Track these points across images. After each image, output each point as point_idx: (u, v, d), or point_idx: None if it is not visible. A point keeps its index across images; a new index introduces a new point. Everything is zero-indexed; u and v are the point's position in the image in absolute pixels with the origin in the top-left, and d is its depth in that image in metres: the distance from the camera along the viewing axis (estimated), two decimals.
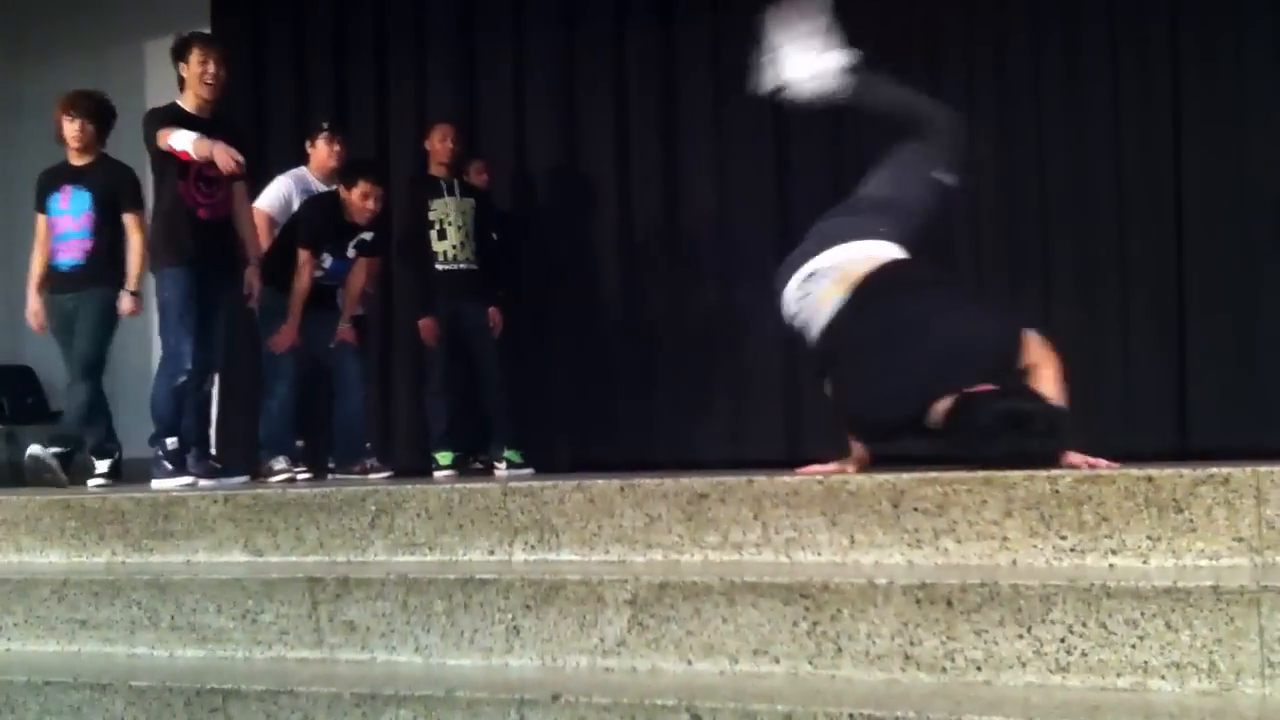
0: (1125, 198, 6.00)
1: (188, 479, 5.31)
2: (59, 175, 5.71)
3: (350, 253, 5.93)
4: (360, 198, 5.78)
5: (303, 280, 5.75)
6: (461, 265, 6.27)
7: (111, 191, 5.62)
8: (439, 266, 6.22)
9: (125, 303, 5.61)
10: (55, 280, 5.68)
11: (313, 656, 3.70)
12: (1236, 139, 5.78)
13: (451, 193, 6.31)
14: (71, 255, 5.63)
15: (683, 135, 6.88)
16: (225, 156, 5.18)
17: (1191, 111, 5.89)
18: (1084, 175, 6.06)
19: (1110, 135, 6.02)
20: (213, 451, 6.13)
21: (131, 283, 5.60)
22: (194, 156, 5.21)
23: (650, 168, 6.93)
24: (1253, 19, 5.77)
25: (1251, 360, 5.69)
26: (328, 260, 5.87)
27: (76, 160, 5.68)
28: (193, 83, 5.49)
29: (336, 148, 6.23)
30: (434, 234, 6.22)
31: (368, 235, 5.94)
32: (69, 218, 5.65)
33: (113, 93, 5.90)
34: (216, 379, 6.24)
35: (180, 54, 5.51)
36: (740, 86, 6.72)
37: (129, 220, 5.62)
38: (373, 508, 4.06)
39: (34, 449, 5.64)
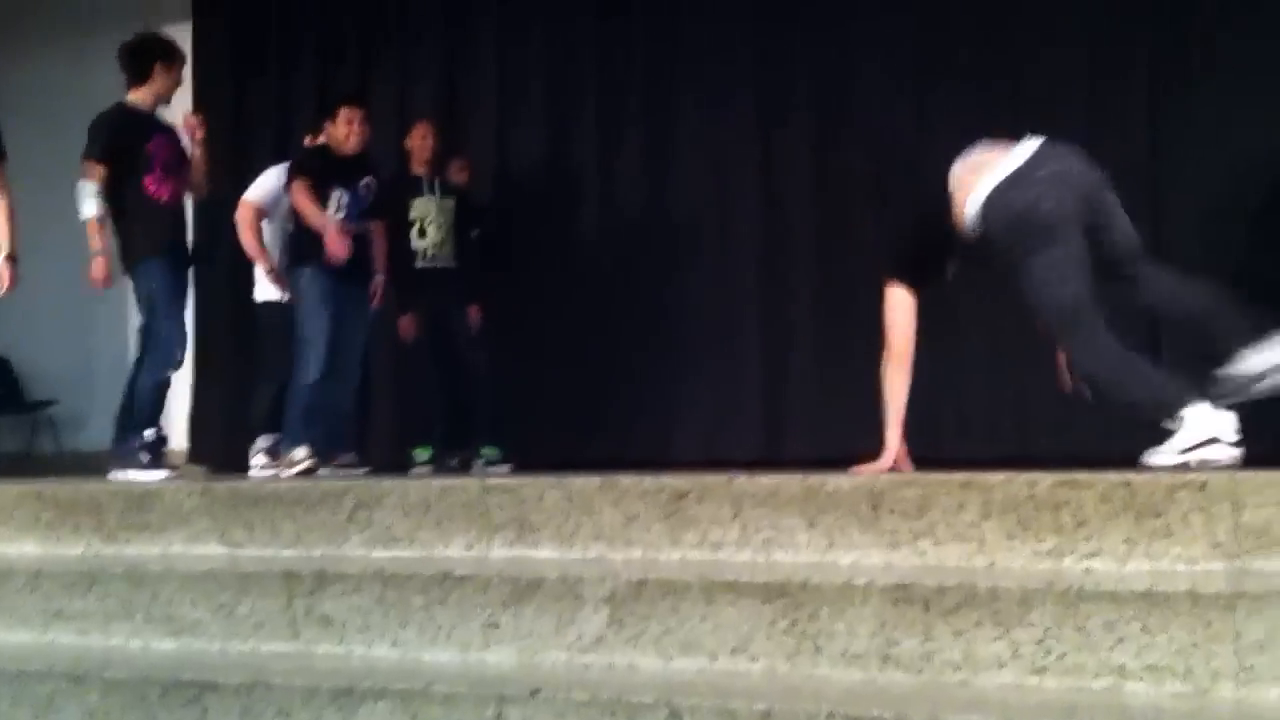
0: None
1: (166, 472, 5.28)
2: None
3: (361, 189, 5.83)
4: (345, 123, 5.74)
5: (309, 208, 5.59)
6: (441, 263, 6.27)
7: None
8: (418, 264, 6.22)
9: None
10: None
11: (289, 650, 3.68)
12: (1214, 144, 5.81)
13: (432, 191, 6.31)
14: None
15: (665, 132, 6.89)
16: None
17: (1168, 125, 5.93)
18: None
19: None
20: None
21: (2, 246, 5.22)
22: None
23: (632, 166, 6.94)
24: (1223, 44, 5.81)
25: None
26: (344, 196, 5.78)
27: None
28: (157, 86, 5.50)
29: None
30: (414, 232, 6.21)
31: (368, 180, 5.85)
32: None
33: (92, 89, 5.86)
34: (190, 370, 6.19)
35: (145, 54, 5.51)
36: (724, 82, 6.83)
37: None
38: (351, 502, 4.04)
39: None
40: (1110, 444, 4.00)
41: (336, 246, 5.51)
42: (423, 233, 6.22)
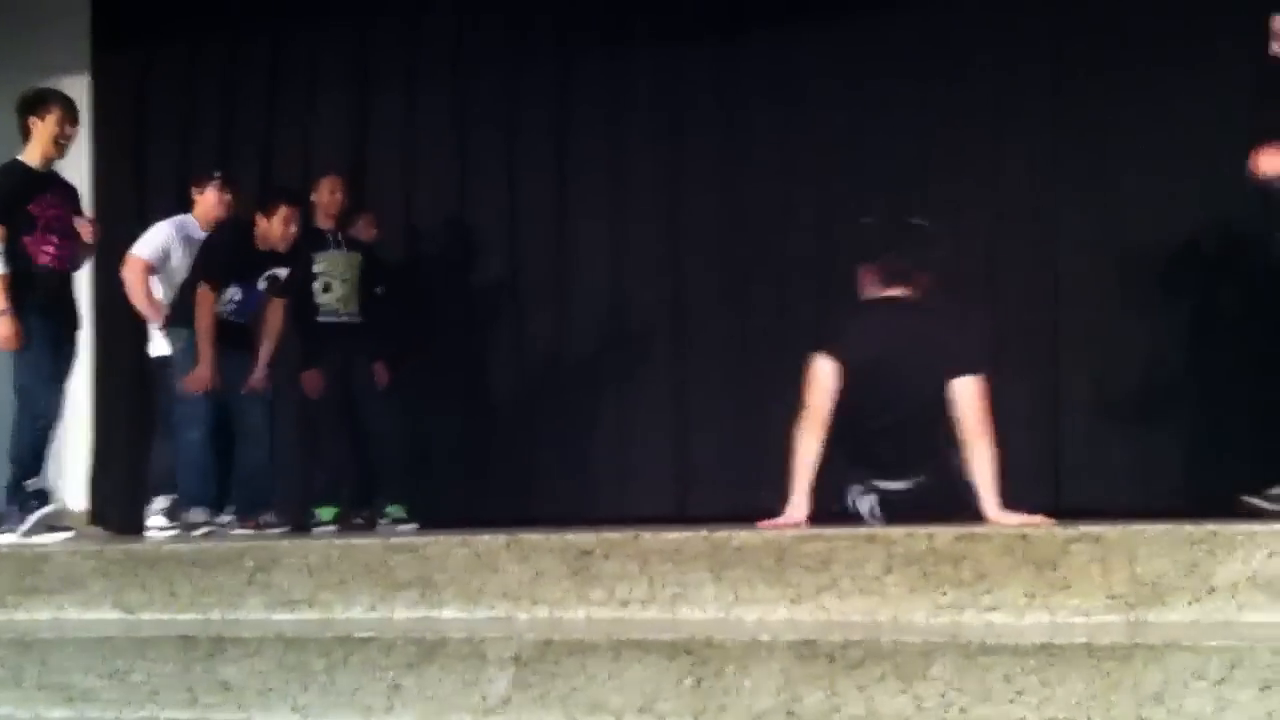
0: (1000, 261, 6.15)
1: (68, 533, 5.15)
2: None
3: (261, 284, 5.80)
4: (283, 223, 5.67)
5: (205, 315, 5.56)
6: (346, 318, 6.21)
7: None
8: (322, 319, 6.15)
9: None
10: None
11: (186, 717, 3.59)
12: (1112, 206, 5.97)
13: (338, 246, 6.26)
14: None
15: (572, 189, 6.91)
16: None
17: (1067, 178, 6.08)
18: (959, 237, 6.20)
19: (989, 199, 6.18)
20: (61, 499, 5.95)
21: None
22: None
23: (540, 222, 6.94)
24: (1128, 87, 5.97)
25: (1124, 421, 5.86)
26: (236, 294, 5.73)
27: None
28: (45, 141, 5.37)
29: (227, 197, 6.14)
30: (318, 287, 6.15)
31: (281, 271, 5.82)
32: None
33: None
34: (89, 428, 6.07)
35: (35, 108, 5.39)
36: (632, 137, 6.88)
37: None
38: (250, 564, 3.97)
39: None
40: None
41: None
42: (327, 288, 6.16)
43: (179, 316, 5.70)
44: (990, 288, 6.12)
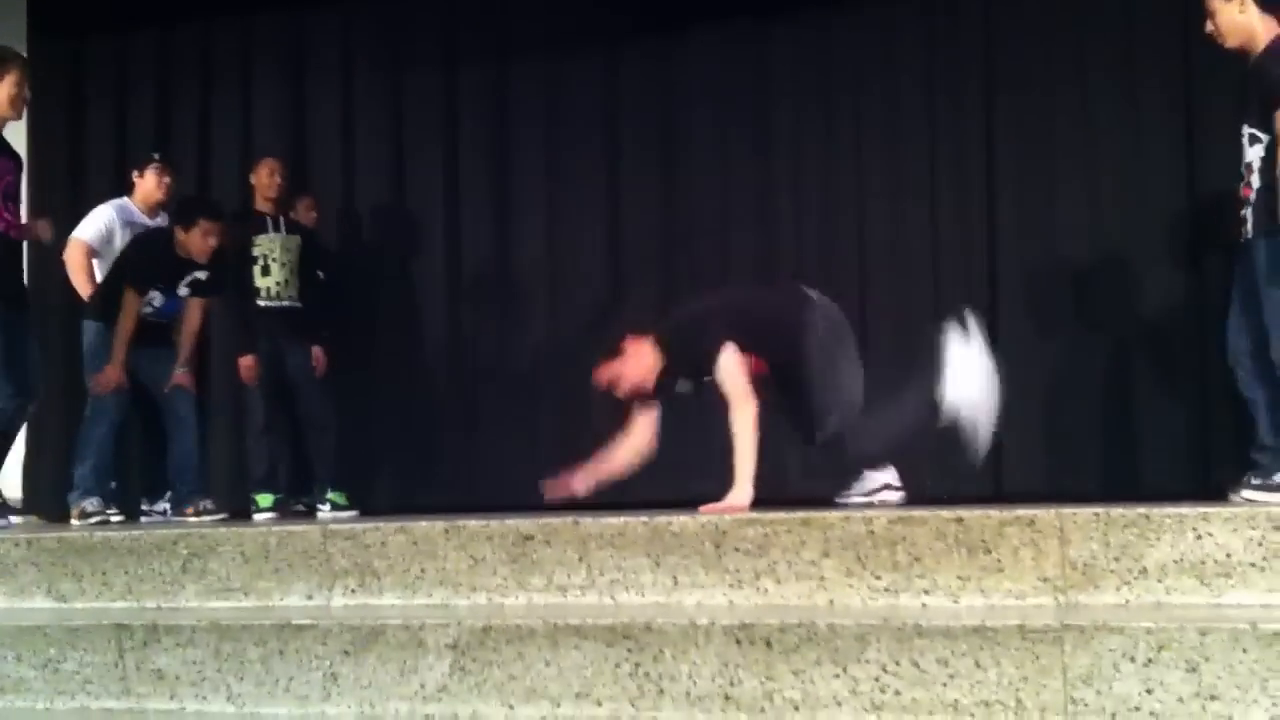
0: (940, 262, 6.18)
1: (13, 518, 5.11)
2: None
3: (183, 291, 5.77)
4: (202, 236, 5.63)
5: (128, 319, 5.56)
6: (285, 303, 6.14)
7: None
8: (261, 303, 6.08)
9: None
10: None
11: (119, 707, 3.56)
12: (1045, 195, 6.03)
13: (277, 229, 6.18)
14: None
15: (512, 175, 6.88)
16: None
17: (1003, 183, 6.13)
18: (902, 241, 6.24)
19: (927, 205, 6.21)
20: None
21: None
22: None
23: (479, 208, 6.90)
24: (1063, 96, 6.04)
25: (1058, 409, 5.93)
26: (157, 299, 5.70)
27: None
28: (3, 104, 5.20)
29: (166, 180, 6.08)
30: (257, 270, 6.08)
31: (202, 275, 5.78)
32: None
33: None
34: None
35: None
36: (571, 126, 6.85)
37: None
38: (184, 551, 3.93)
39: None
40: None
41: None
42: (266, 270, 6.09)
43: (93, 309, 5.66)
44: (931, 283, 6.17)
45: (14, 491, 6.88)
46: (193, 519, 5.54)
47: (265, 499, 5.96)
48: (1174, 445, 5.73)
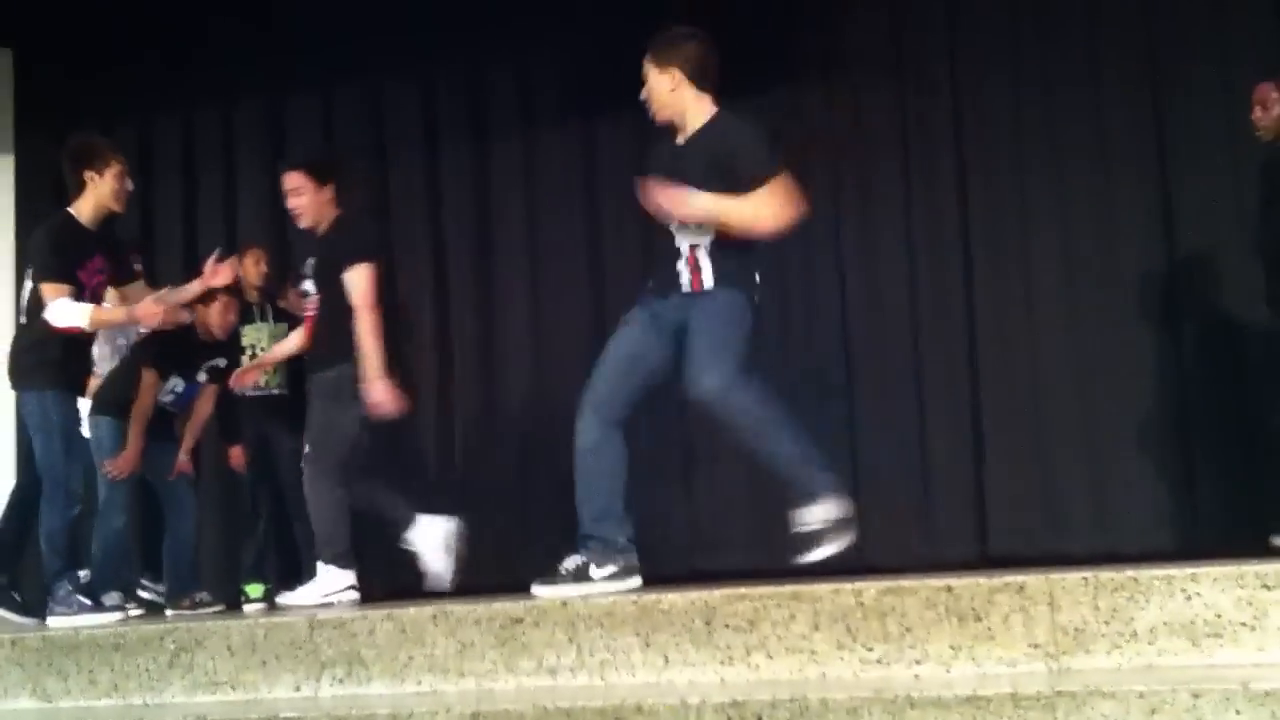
0: (919, 313, 6.22)
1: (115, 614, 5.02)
2: None
3: (202, 377, 5.74)
4: (222, 311, 5.63)
5: (145, 403, 5.50)
6: (274, 391, 6.16)
7: None
8: (249, 393, 6.09)
9: None
10: None
11: None
12: (1021, 260, 6.08)
13: (264, 318, 6.22)
14: None
15: (498, 255, 6.92)
16: (152, 310, 5.06)
17: (980, 232, 6.18)
18: (879, 294, 6.28)
19: (904, 255, 6.26)
20: None
21: None
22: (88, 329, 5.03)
23: (466, 289, 6.95)
24: (1031, 142, 6.11)
25: (1047, 470, 5.93)
26: (179, 385, 5.68)
27: None
28: (106, 196, 5.10)
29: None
30: (245, 359, 6.10)
31: (222, 361, 5.77)
32: None
33: None
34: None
35: (91, 160, 5.08)
36: (554, 202, 6.90)
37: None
38: (171, 646, 3.89)
39: None
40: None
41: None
42: (254, 359, 6.10)
43: (109, 401, 5.60)
44: (910, 341, 6.19)
45: None
46: (188, 612, 5.50)
47: (255, 589, 5.93)
48: (1159, 505, 5.75)
